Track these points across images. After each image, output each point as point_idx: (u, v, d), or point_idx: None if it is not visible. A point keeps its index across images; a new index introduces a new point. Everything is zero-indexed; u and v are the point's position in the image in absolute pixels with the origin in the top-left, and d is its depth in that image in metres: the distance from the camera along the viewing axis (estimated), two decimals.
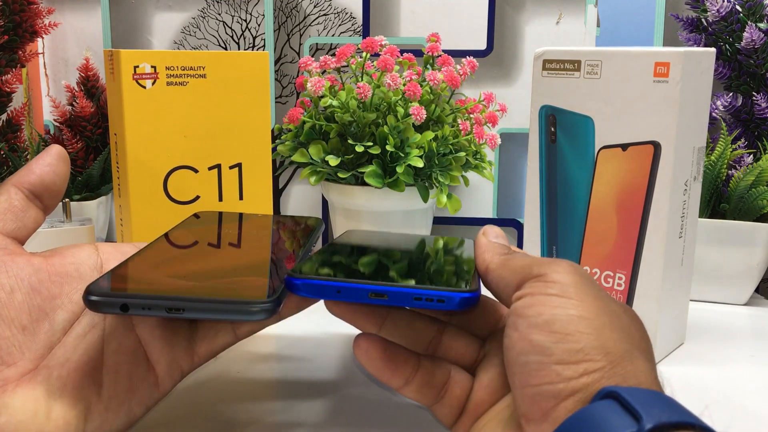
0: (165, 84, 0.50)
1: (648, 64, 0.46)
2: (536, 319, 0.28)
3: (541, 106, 0.51)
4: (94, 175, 0.70)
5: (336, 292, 0.30)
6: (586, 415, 0.25)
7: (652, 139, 0.46)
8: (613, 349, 0.27)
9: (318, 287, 0.30)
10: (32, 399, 0.29)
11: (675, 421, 0.23)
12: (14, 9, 0.69)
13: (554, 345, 0.27)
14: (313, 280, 0.30)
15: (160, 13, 0.75)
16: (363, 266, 0.34)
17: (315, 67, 0.65)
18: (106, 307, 0.29)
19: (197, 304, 0.29)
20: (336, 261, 0.35)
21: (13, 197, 0.33)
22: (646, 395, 0.25)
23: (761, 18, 0.66)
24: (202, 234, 0.43)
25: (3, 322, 0.30)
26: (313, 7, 0.73)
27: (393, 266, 0.35)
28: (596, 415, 0.24)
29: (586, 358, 0.26)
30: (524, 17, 0.71)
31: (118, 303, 0.29)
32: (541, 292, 0.28)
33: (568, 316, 0.27)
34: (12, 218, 0.33)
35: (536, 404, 0.27)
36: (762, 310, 0.62)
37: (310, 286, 0.30)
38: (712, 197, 0.63)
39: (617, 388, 0.25)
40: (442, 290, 0.30)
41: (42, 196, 0.34)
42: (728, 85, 0.68)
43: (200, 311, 0.29)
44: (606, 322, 0.28)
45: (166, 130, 0.51)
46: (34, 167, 0.34)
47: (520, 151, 0.75)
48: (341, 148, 0.63)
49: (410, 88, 0.61)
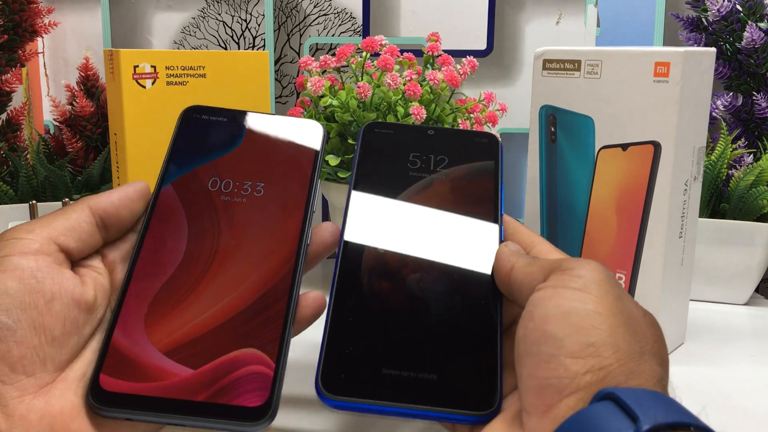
0: (165, 84, 0.50)
1: (648, 64, 0.46)
2: (554, 311, 0.28)
3: (542, 106, 0.51)
4: (94, 175, 0.70)
5: (367, 410, 0.31)
6: (584, 417, 0.25)
7: (652, 138, 0.46)
8: (624, 348, 0.27)
9: (349, 408, 0.31)
10: (49, 414, 0.28)
11: (672, 421, 0.24)
12: (14, 8, 0.69)
13: (567, 337, 0.27)
14: (344, 402, 0.31)
15: (160, 13, 0.75)
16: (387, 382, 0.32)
17: (315, 66, 0.65)
18: (112, 417, 0.30)
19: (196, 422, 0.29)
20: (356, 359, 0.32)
21: (83, 219, 0.32)
22: (644, 396, 0.25)
23: (761, 18, 0.66)
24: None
25: (35, 330, 0.29)
26: (313, 7, 0.73)
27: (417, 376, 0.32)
28: (594, 416, 0.24)
29: (595, 354, 0.26)
30: (524, 17, 0.71)
31: (123, 417, 0.29)
32: (563, 285, 0.29)
33: (585, 310, 0.27)
34: (75, 237, 0.32)
35: (540, 397, 0.27)
36: (762, 310, 0.62)
37: (341, 406, 0.31)
38: (713, 197, 0.63)
39: (615, 389, 0.25)
40: (465, 415, 0.31)
41: (110, 228, 0.33)
42: (728, 85, 0.68)
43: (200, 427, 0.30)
44: (622, 322, 0.28)
45: (166, 129, 0.50)
46: (115, 197, 0.34)
47: (520, 151, 0.75)
48: (341, 147, 0.63)
49: (410, 87, 0.61)
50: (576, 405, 0.26)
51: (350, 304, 0.34)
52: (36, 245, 0.30)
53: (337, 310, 0.33)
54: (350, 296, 0.34)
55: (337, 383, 0.31)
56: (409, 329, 0.33)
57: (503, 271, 0.33)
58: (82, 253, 0.32)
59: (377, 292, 0.34)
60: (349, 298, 0.34)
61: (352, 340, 0.33)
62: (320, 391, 0.31)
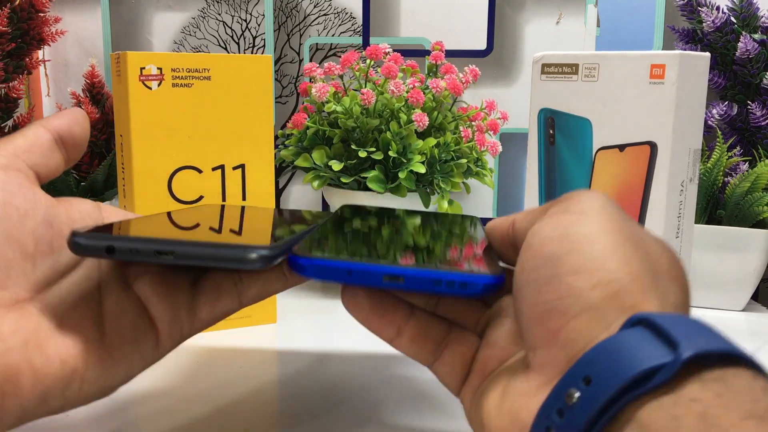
0: (170, 85, 0.51)
1: (644, 67, 0.47)
2: (552, 233, 0.25)
3: (540, 109, 0.52)
4: (99, 180, 0.71)
5: (346, 273, 0.27)
6: (611, 346, 0.21)
7: (649, 139, 0.47)
8: (635, 264, 0.23)
9: (326, 268, 0.27)
10: (24, 328, 0.26)
11: (718, 349, 0.20)
12: (22, 17, 0.71)
13: (567, 254, 0.24)
14: (320, 260, 0.27)
15: (160, 13, 0.76)
16: (374, 246, 0.32)
17: (319, 73, 0.66)
18: (91, 250, 0.27)
19: (189, 248, 0.27)
20: (342, 239, 0.33)
21: (41, 135, 0.32)
22: (682, 320, 0.21)
23: (756, 29, 0.67)
24: (208, 210, 0.42)
25: (8, 243, 0.27)
26: (313, 7, 0.74)
27: (406, 246, 0.32)
28: (623, 344, 0.21)
29: (600, 267, 0.23)
30: (524, 17, 0.73)
31: (103, 245, 0.27)
32: (562, 212, 0.26)
33: (586, 229, 0.24)
34: (38, 153, 0.31)
35: (544, 325, 0.24)
36: (759, 316, 0.62)
37: (316, 267, 0.27)
38: (709, 204, 0.64)
39: (649, 314, 0.21)
40: (465, 274, 0.27)
41: (67, 144, 0.33)
42: (723, 95, 0.69)
43: (192, 257, 0.27)
44: (628, 238, 0.24)
45: (171, 130, 0.52)
46: (61, 115, 0.33)
47: (519, 152, 0.75)
48: (344, 153, 0.64)
49: (413, 95, 0.62)
50: (587, 327, 0.23)
51: (339, 222, 0.36)
52: (4, 160, 0.29)
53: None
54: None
55: (313, 248, 0.29)
56: (397, 234, 0.35)
57: (504, 230, 0.31)
58: (49, 169, 0.32)
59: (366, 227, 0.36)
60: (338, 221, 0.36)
61: (338, 233, 0.34)
62: (293, 258, 0.28)
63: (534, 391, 0.24)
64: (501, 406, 0.25)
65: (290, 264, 0.28)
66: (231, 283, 0.32)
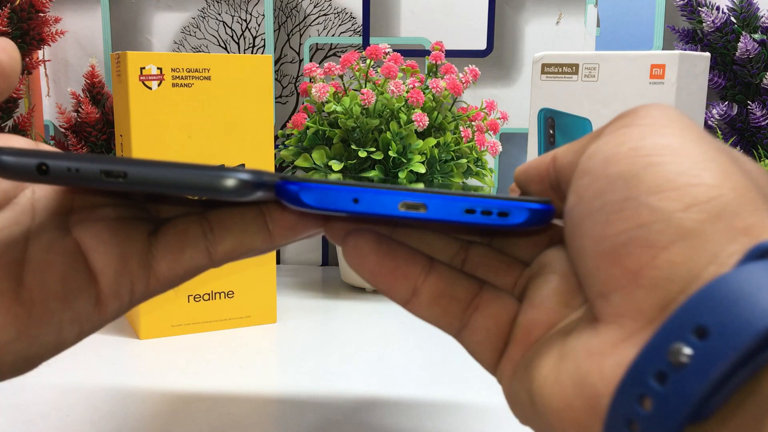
0: (170, 85, 0.51)
1: (644, 67, 0.47)
2: (618, 149, 0.19)
3: (540, 109, 0.52)
4: None
5: (352, 201, 0.21)
6: (731, 285, 0.15)
7: None
8: (737, 179, 0.17)
9: (325, 194, 0.21)
10: None
11: None
12: (22, 17, 0.71)
13: (643, 171, 0.18)
14: (317, 184, 0.21)
15: (160, 13, 0.76)
16: (385, 181, 0.26)
17: (319, 73, 0.66)
18: (18, 170, 0.21)
19: (146, 169, 0.20)
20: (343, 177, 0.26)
21: None
22: None
23: (755, 29, 0.67)
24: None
25: None
26: (313, 7, 0.74)
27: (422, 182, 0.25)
28: (751, 283, 0.15)
29: (694, 181, 0.17)
30: (524, 17, 0.73)
31: (34, 163, 0.20)
32: (626, 125, 0.19)
33: (666, 140, 0.18)
34: None
35: (620, 263, 0.17)
36: None
37: (313, 192, 0.21)
38: None
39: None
40: (505, 199, 0.21)
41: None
42: (723, 95, 0.70)
43: (150, 182, 0.20)
44: (720, 150, 0.18)
45: (171, 130, 0.52)
46: None
47: (519, 152, 0.76)
48: (344, 153, 0.64)
49: (413, 95, 0.62)
50: (686, 260, 0.16)
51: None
52: None
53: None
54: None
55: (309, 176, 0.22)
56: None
57: (543, 170, 0.23)
58: None
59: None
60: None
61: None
62: (283, 184, 0.22)
63: (608, 349, 0.18)
64: (559, 372, 0.19)
65: (279, 193, 0.22)
66: (199, 232, 0.25)
